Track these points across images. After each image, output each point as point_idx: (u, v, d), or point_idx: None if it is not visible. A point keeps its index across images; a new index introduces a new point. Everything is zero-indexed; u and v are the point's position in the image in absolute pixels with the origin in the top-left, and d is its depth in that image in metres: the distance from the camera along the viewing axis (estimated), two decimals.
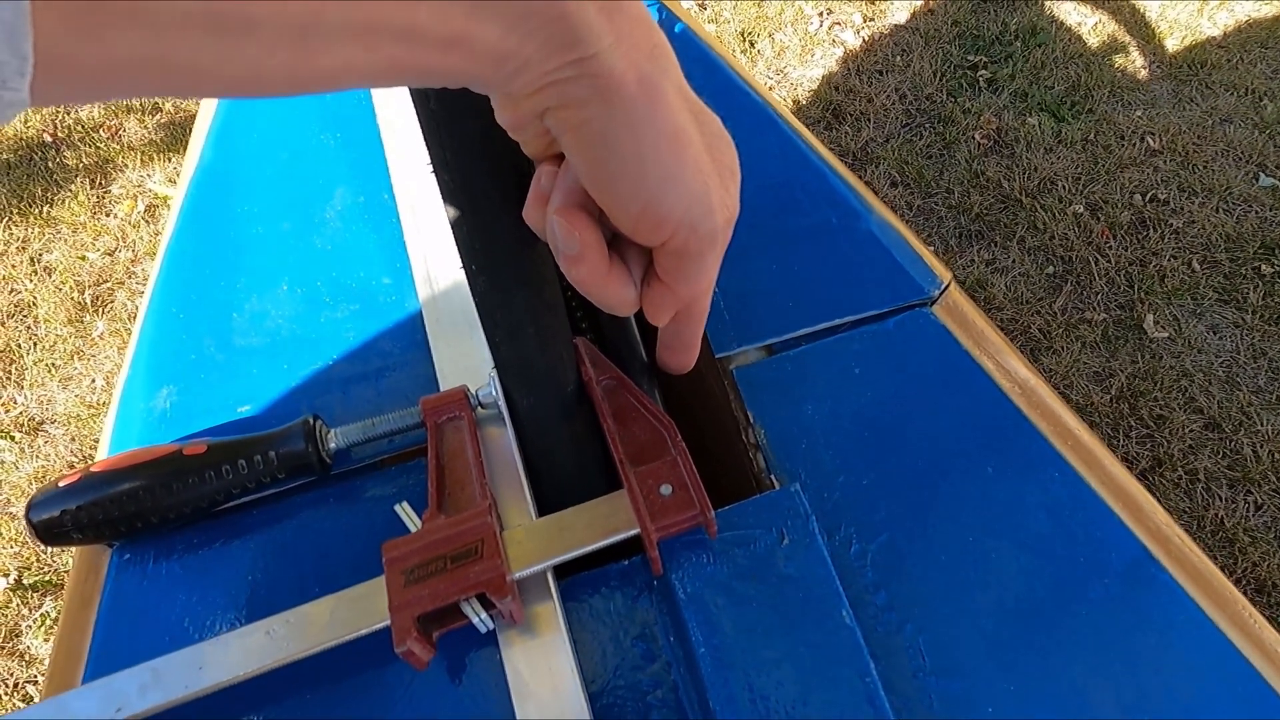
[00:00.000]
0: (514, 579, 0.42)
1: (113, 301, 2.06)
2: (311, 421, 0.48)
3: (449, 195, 0.43)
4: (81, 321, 2.03)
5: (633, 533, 0.43)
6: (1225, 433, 1.70)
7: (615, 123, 0.27)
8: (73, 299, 2.06)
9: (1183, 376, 1.78)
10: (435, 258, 0.59)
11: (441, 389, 0.53)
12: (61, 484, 0.46)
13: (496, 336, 0.46)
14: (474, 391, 0.49)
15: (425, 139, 0.42)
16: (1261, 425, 1.71)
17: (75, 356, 1.98)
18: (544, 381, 0.47)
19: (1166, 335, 1.84)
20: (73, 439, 1.85)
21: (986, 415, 0.51)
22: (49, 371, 1.95)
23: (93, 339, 2.00)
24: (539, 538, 0.43)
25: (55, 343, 2.00)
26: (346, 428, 0.49)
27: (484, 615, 0.40)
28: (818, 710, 0.41)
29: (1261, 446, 1.68)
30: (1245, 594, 1.55)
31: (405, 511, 0.44)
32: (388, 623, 0.40)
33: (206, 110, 0.72)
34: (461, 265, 0.45)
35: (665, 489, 0.43)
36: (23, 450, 1.83)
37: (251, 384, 0.55)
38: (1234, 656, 0.44)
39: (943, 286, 0.56)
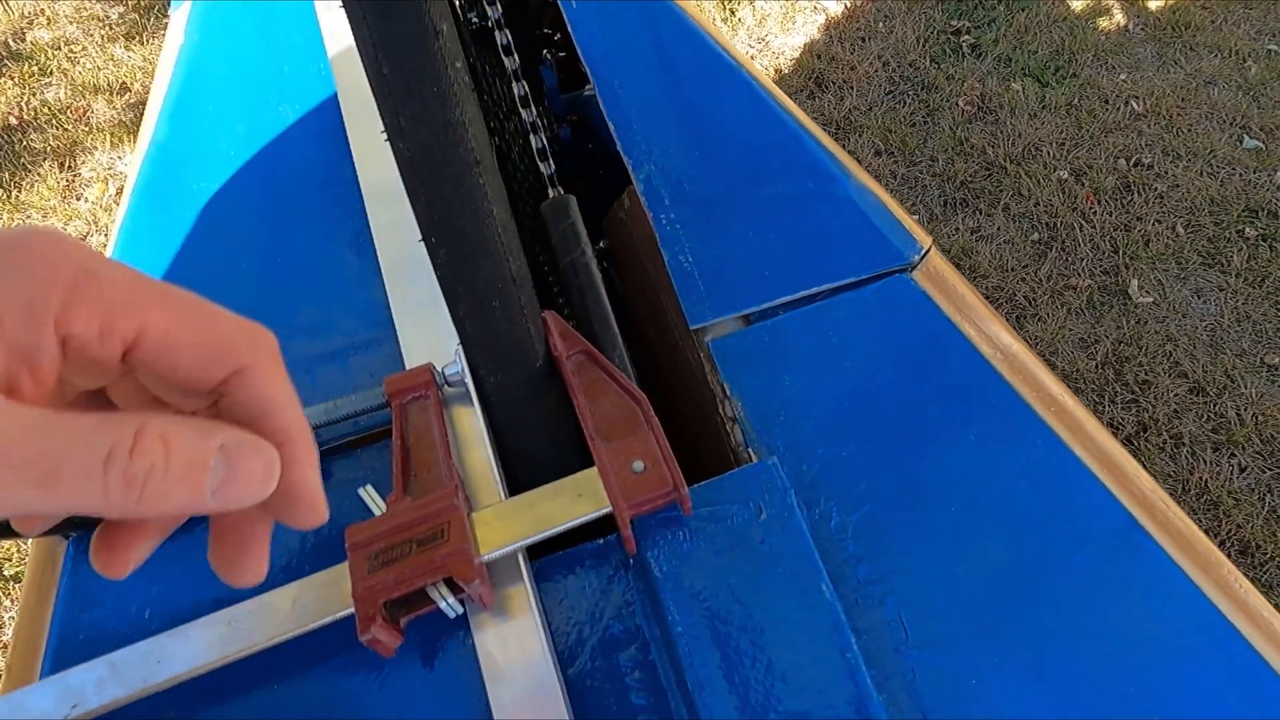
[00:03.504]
0: (482, 561, 0.40)
1: None
2: None
3: (405, 164, 0.41)
4: None
5: (604, 511, 0.41)
6: (1209, 396, 1.71)
7: None
8: None
9: (1167, 341, 1.78)
10: (398, 231, 0.57)
11: (407, 367, 0.51)
12: None
13: (460, 311, 0.44)
14: (440, 369, 0.47)
15: (378, 105, 0.40)
16: (1245, 388, 1.71)
17: None
18: (512, 357, 0.45)
19: (1151, 300, 1.84)
20: None
21: (968, 383, 0.50)
22: None
23: None
24: (508, 519, 0.42)
25: None
26: (308, 410, 0.47)
27: (452, 600, 0.39)
28: (798, 687, 0.40)
29: (1245, 409, 1.68)
30: (1230, 556, 1.56)
31: (369, 495, 0.42)
32: (353, 610, 0.39)
33: (160, 85, 0.69)
34: (421, 238, 0.43)
35: (637, 465, 0.42)
36: None
37: None
38: (1219, 622, 0.44)
39: (923, 252, 0.54)
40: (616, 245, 0.70)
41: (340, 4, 0.38)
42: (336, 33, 0.70)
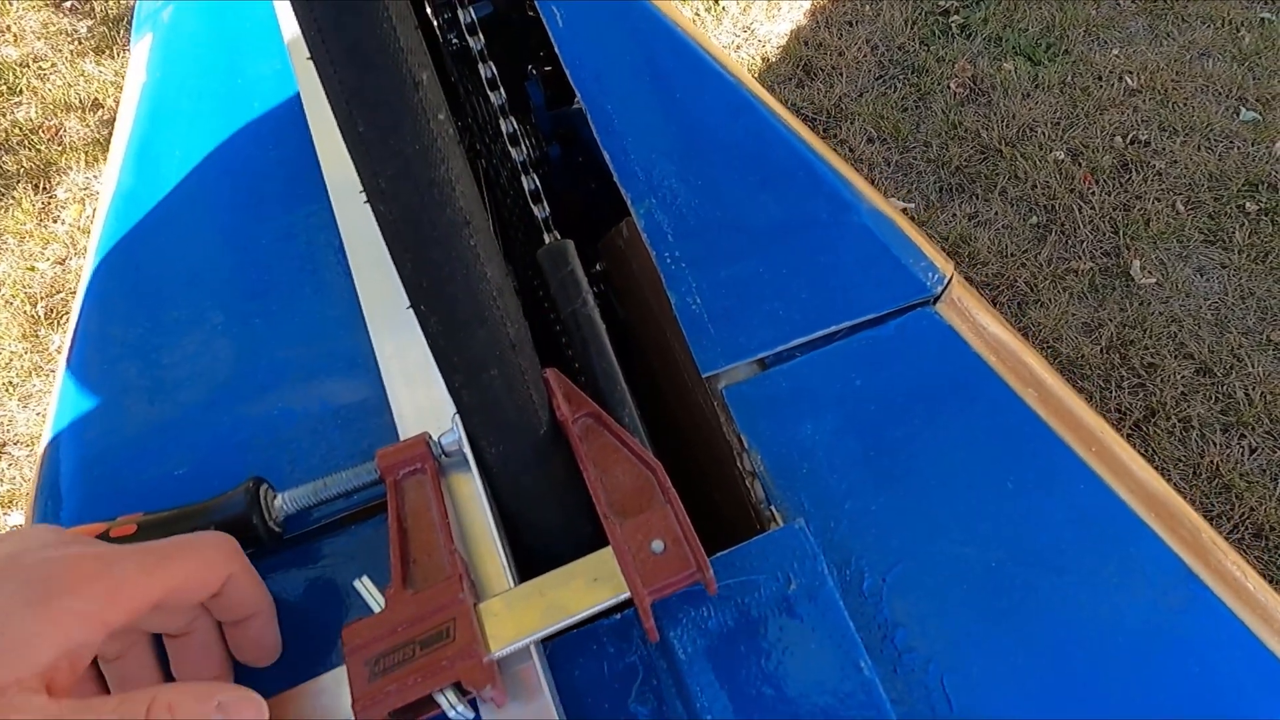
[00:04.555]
0: (493, 659, 0.37)
1: (68, 313, 1.98)
2: (254, 486, 0.43)
3: (387, 228, 0.37)
4: (37, 336, 1.95)
5: (623, 597, 0.38)
6: (1216, 377, 1.68)
7: None
8: (25, 313, 1.97)
9: (1172, 322, 1.75)
10: (385, 289, 0.53)
11: (401, 436, 0.47)
12: None
13: (455, 381, 0.40)
14: (436, 439, 0.44)
15: (355, 165, 0.36)
16: (1252, 367, 1.69)
17: (33, 373, 1.90)
18: (514, 426, 0.42)
19: (1154, 281, 1.81)
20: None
21: (1002, 424, 0.47)
22: (7, 390, 1.87)
23: (50, 353, 1.92)
24: (519, 608, 0.38)
25: (10, 360, 1.92)
26: (294, 491, 0.43)
27: (461, 708, 0.36)
28: None
29: (1253, 389, 1.66)
30: (1243, 540, 1.54)
31: (365, 587, 0.39)
32: None
33: (123, 126, 0.65)
34: (410, 305, 0.39)
35: (656, 545, 0.39)
36: None
37: (187, 441, 0.49)
38: None
39: (945, 281, 0.51)
40: (615, 271, 0.67)
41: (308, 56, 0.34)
42: (307, 67, 0.66)
